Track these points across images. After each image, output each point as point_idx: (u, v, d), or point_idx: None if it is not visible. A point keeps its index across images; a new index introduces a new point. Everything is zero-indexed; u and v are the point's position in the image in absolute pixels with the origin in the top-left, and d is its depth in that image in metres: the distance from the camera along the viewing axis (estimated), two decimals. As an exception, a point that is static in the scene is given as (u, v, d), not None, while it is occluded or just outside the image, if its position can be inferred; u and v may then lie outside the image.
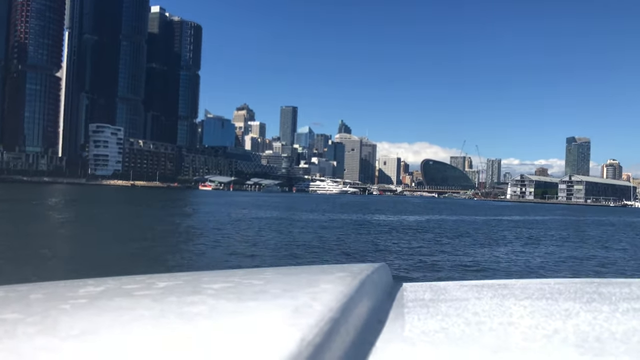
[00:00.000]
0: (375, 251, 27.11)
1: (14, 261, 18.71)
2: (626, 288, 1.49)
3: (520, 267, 23.41)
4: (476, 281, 1.67)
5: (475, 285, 1.57)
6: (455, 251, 28.08)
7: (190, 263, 20.68)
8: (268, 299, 1.03)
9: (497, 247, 31.85)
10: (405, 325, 1.12)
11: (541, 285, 1.54)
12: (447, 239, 35.80)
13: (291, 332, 0.80)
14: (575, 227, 59.58)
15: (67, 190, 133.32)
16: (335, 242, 30.78)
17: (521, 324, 1.10)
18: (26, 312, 0.97)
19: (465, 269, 21.39)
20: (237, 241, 29.25)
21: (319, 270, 1.45)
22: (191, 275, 1.39)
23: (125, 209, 62.11)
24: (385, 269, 1.58)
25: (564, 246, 34.35)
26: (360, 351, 0.93)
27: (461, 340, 1.00)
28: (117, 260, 20.02)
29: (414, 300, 1.37)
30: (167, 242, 27.90)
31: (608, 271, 23.24)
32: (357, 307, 1.07)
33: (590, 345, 0.96)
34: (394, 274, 1.63)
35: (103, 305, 1.01)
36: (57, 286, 1.25)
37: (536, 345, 0.95)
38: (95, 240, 28.20)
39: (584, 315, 1.17)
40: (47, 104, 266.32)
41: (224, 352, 0.73)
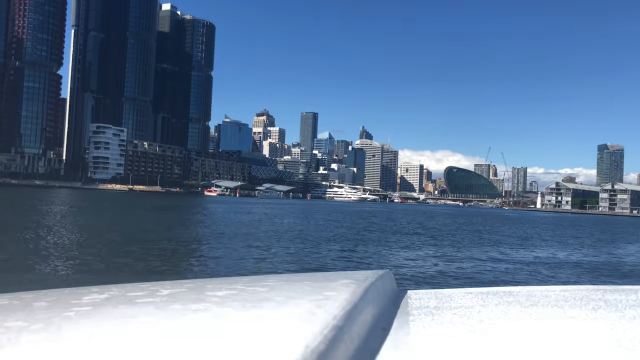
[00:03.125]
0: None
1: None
2: (633, 295, 1.48)
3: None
4: (481, 288, 1.65)
5: (481, 293, 1.56)
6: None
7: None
8: (272, 307, 1.02)
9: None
10: (410, 332, 1.11)
11: (547, 293, 1.53)
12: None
13: (295, 340, 0.79)
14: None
15: (44, 195, 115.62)
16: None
17: (526, 331, 1.08)
18: (30, 319, 0.96)
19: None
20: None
21: (323, 277, 1.45)
22: (195, 283, 1.39)
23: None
24: (389, 276, 1.57)
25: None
26: (364, 359, 0.92)
27: (466, 347, 0.99)
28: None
29: (418, 307, 1.36)
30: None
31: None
32: (362, 314, 1.06)
33: (596, 352, 0.94)
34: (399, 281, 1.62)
35: (107, 312, 1.01)
36: (61, 294, 1.25)
37: (542, 352, 0.94)
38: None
39: (589, 323, 1.16)
40: (47, 103, 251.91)
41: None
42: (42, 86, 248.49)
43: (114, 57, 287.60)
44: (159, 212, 65.24)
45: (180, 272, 19.62)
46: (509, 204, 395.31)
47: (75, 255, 22.11)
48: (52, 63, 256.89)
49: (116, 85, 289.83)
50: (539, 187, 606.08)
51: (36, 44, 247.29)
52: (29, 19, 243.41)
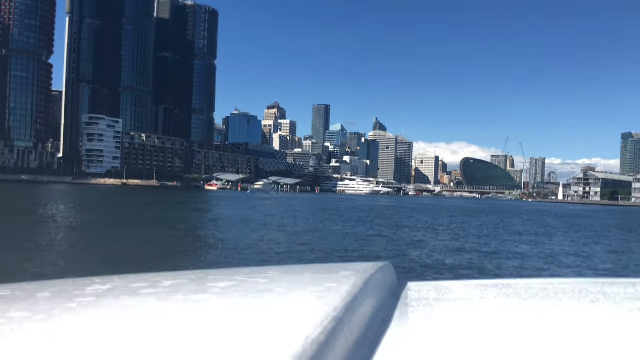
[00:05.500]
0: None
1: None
2: (631, 288, 1.48)
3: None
4: (480, 281, 1.66)
5: (480, 285, 1.56)
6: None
7: None
8: (273, 298, 1.03)
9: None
10: (410, 324, 1.12)
11: (545, 285, 1.53)
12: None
13: (296, 331, 0.80)
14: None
15: (20, 191, 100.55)
16: None
17: (525, 324, 1.09)
18: (33, 310, 0.97)
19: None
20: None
21: (324, 269, 1.45)
22: (197, 274, 1.39)
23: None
24: (389, 268, 1.57)
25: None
26: (364, 350, 0.92)
27: (465, 339, 0.99)
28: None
29: (418, 299, 1.36)
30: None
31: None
32: (362, 306, 1.06)
33: (594, 345, 0.95)
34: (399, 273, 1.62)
35: (109, 303, 1.02)
36: (64, 284, 1.26)
37: (541, 345, 0.95)
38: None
39: (588, 315, 1.17)
40: (37, 94, 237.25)
41: (229, 351, 0.73)
42: (30, 75, 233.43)
43: (110, 45, 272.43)
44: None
45: None
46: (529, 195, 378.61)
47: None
48: (41, 51, 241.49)
49: (113, 74, 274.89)
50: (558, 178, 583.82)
51: (23, 31, 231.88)
52: (16, 4, 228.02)
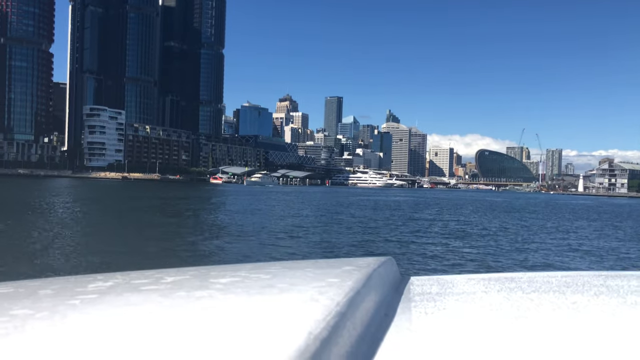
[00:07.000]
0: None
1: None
2: (634, 281, 1.48)
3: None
4: (483, 274, 1.66)
5: (483, 279, 1.55)
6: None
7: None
8: (275, 293, 1.03)
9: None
10: (412, 319, 1.12)
11: (548, 278, 1.53)
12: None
13: (298, 326, 0.80)
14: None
15: (11, 185, 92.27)
16: None
17: (528, 317, 1.09)
18: (35, 307, 0.97)
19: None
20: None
21: (326, 264, 1.44)
22: (199, 270, 1.39)
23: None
24: (392, 262, 1.57)
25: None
26: (367, 345, 0.92)
27: (468, 333, 0.99)
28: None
29: (420, 294, 1.36)
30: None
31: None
32: (364, 301, 1.06)
33: (598, 338, 0.95)
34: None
35: (111, 300, 1.02)
36: (66, 281, 1.26)
37: (544, 338, 0.95)
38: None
39: (591, 308, 1.16)
40: (38, 84, 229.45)
41: (232, 347, 0.72)
42: (30, 65, 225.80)
43: (114, 34, 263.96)
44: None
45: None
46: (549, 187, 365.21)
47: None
48: (41, 39, 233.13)
49: (117, 65, 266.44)
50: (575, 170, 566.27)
51: (22, 18, 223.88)
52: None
